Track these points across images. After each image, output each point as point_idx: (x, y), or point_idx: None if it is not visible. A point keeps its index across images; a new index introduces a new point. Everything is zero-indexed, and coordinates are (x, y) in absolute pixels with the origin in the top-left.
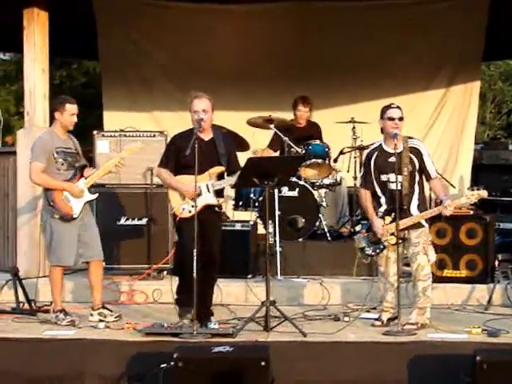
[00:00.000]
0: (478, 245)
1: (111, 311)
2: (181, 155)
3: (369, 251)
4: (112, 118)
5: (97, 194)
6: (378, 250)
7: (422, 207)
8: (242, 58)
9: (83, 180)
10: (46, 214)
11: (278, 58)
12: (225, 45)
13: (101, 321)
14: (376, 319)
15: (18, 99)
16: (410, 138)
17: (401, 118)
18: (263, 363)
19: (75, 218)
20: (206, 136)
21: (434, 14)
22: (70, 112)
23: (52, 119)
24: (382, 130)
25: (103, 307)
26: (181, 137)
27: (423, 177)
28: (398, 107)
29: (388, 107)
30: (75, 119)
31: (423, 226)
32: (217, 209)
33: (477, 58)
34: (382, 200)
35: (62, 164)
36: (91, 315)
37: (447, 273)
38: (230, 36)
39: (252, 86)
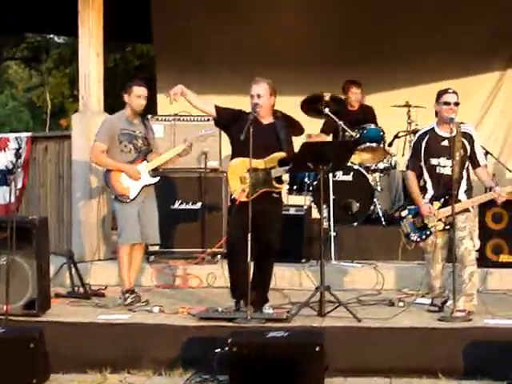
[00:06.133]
0: None
1: (139, 296)
2: (235, 134)
3: (414, 237)
4: (166, 102)
5: (157, 178)
6: (423, 237)
7: (469, 192)
8: (295, 42)
9: (144, 163)
10: (110, 195)
11: (332, 41)
12: (278, 29)
13: (135, 298)
14: (430, 304)
15: (72, 82)
16: (462, 123)
17: (456, 103)
18: (318, 348)
19: (132, 200)
20: (266, 120)
21: None
22: (136, 94)
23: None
24: (437, 114)
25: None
26: (242, 115)
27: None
28: (454, 92)
29: (444, 92)
30: (142, 102)
31: (469, 211)
32: (275, 195)
33: None
34: (429, 185)
35: (126, 146)
36: (120, 297)
37: (503, 258)
38: (284, 20)
39: (304, 70)
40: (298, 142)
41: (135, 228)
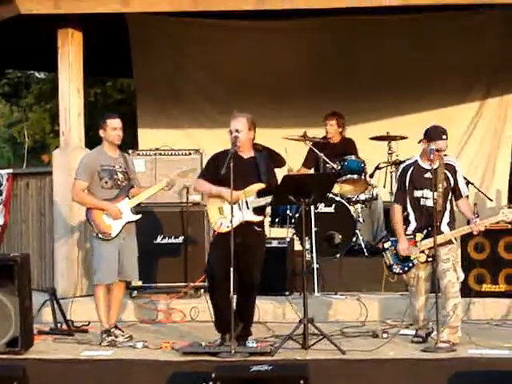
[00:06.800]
0: None
1: (122, 331)
2: (218, 173)
3: (396, 269)
4: (147, 136)
5: (139, 216)
6: (406, 268)
7: (452, 224)
8: (277, 75)
9: (126, 200)
10: (89, 232)
11: (314, 74)
12: (260, 62)
13: (112, 341)
14: (415, 336)
15: (53, 117)
16: (445, 155)
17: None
18: (302, 382)
19: (114, 237)
20: (246, 154)
21: (471, 26)
22: (111, 126)
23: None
24: (420, 141)
25: (115, 327)
26: (220, 155)
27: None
28: (446, 137)
29: (438, 137)
30: (119, 133)
31: (453, 243)
32: (257, 228)
33: None
34: (411, 217)
35: (106, 182)
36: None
37: (486, 287)
38: (266, 54)
39: (287, 103)
40: (279, 174)
41: (111, 267)
